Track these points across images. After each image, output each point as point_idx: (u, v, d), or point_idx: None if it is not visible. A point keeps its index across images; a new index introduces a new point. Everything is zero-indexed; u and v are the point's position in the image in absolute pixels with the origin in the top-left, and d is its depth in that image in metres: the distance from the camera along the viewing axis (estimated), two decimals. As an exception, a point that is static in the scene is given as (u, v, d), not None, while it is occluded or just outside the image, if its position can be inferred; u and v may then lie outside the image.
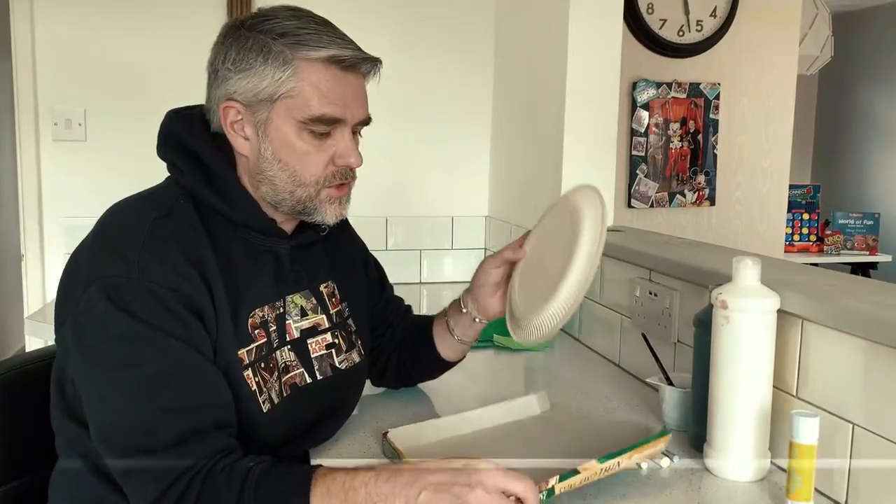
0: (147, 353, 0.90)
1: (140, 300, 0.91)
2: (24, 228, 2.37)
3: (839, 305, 1.02)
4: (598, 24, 1.93)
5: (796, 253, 4.17)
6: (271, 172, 1.03)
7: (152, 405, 0.89)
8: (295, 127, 1.01)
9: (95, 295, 0.91)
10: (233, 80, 1.00)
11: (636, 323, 1.55)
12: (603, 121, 1.97)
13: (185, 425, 0.88)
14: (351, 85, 1.03)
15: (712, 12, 2.78)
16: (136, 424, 0.89)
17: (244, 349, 1.00)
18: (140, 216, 0.98)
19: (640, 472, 1.08)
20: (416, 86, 2.53)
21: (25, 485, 1.13)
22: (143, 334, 0.90)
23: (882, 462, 0.95)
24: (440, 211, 2.62)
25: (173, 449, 0.87)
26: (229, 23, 1.05)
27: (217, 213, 1.02)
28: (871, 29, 5.56)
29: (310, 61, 0.99)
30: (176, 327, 0.92)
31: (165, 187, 1.05)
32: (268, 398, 1.02)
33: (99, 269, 0.93)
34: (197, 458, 0.87)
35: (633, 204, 2.81)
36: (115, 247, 0.94)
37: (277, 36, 0.99)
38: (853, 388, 0.99)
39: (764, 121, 2.95)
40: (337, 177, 1.06)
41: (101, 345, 0.91)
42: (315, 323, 1.12)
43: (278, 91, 0.99)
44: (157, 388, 0.89)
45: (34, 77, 2.32)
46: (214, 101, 1.04)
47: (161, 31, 2.35)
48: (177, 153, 1.04)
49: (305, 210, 1.06)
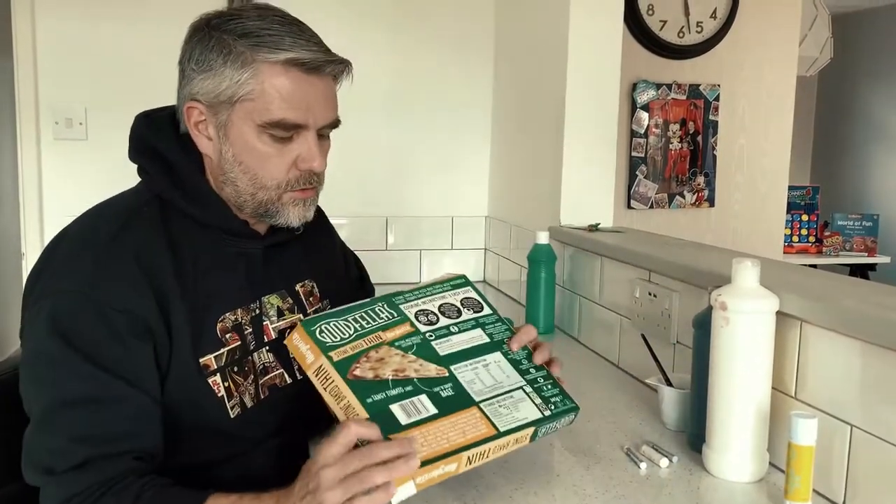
0: (67, 379, 0.91)
1: (83, 320, 0.91)
2: (25, 227, 2.37)
3: (838, 307, 1.02)
4: (598, 25, 1.94)
5: (795, 254, 4.18)
6: (233, 174, 1.02)
7: (63, 430, 0.90)
8: (255, 130, 0.99)
9: (44, 311, 0.92)
10: (196, 79, 0.99)
11: (635, 324, 1.56)
12: (603, 122, 1.98)
13: (89, 452, 0.89)
14: (315, 88, 1.00)
15: (712, 14, 2.78)
16: (45, 445, 0.91)
17: (211, 355, 1.00)
18: (97, 229, 0.98)
19: (640, 472, 1.09)
20: (415, 86, 2.53)
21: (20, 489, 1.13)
22: (69, 359, 0.90)
23: (880, 463, 0.95)
24: (440, 211, 2.62)
25: (70, 473, 0.89)
26: (196, 21, 1.03)
27: (186, 217, 1.02)
28: (870, 30, 5.56)
29: (270, 63, 0.97)
30: (112, 352, 0.92)
31: (133, 193, 1.05)
32: (238, 402, 1.02)
33: (52, 284, 0.94)
34: (90, 484, 0.88)
35: (632, 205, 2.81)
36: (71, 261, 0.95)
37: (239, 36, 0.97)
38: (851, 389, 1.00)
39: (763, 122, 2.96)
40: (301, 181, 1.03)
41: (31, 360, 0.94)
42: (292, 323, 1.11)
43: (238, 93, 0.97)
44: (72, 414, 0.90)
45: (35, 75, 2.32)
46: (180, 101, 1.03)
47: (162, 29, 2.35)
48: (144, 156, 1.04)
49: (268, 212, 1.05)
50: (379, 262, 2.51)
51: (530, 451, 1.12)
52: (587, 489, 1.03)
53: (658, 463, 1.11)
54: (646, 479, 1.07)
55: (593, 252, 1.78)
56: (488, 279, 2.62)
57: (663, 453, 1.13)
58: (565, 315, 1.92)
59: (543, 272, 1.85)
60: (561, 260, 1.91)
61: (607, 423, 1.28)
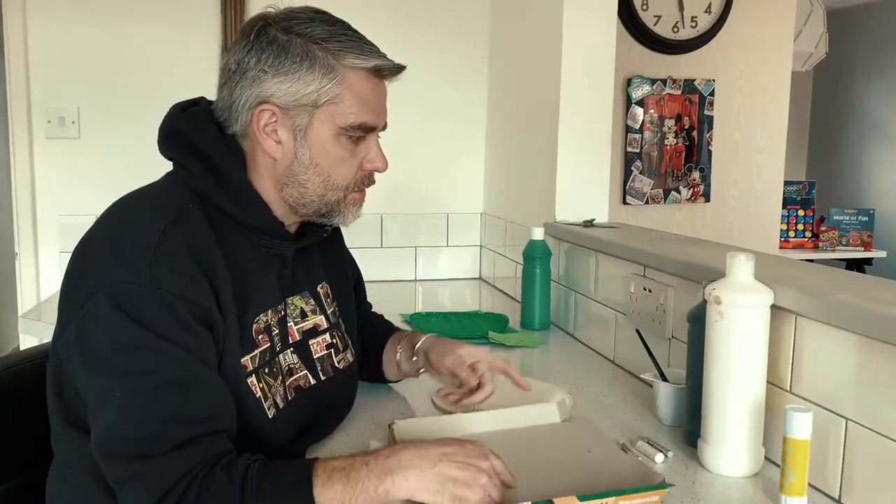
0: (151, 363, 0.88)
1: (149, 309, 0.89)
2: (18, 226, 2.36)
3: (833, 301, 1.02)
4: (592, 21, 1.93)
5: (791, 249, 4.18)
6: (304, 176, 1.03)
7: (152, 415, 0.87)
8: (334, 133, 1.02)
9: (104, 302, 0.88)
10: (269, 82, 0.99)
11: (631, 319, 1.56)
12: (598, 117, 1.97)
13: (184, 435, 0.87)
14: (383, 93, 1.07)
15: (707, 8, 2.78)
16: (134, 433, 0.87)
17: (248, 356, 0.99)
18: (151, 221, 0.95)
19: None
20: (410, 82, 2.51)
21: (19, 485, 1.13)
22: (149, 343, 0.88)
23: (875, 456, 0.95)
24: (435, 208, 2.62)
25: (172, 454, 0.86)
26: (256, 21, 1.02)
27: (227, 217, 1.00)
28: (865, 26, 5.56)
29: (354, 70, 1.01)
30: (184, 337, 0.90)
31: (172, 187, 1.01)
32: (273, 404, 1.02)
33: (108, 276, 0.90)
34: (194, 463, 0.86)
35: (627, 200, 2.81)
36: (126, 253, 0.92)
37: (320, 41, 0.99)
38: (846, 383, 0.99)
39: (759, 117, 2.96)
40: (365, 181, 1.09)
41: (106, 352, 0.89)
42: (315, 324, 1.12)
43: (322, 98, 0.99)
44: (159, 398, 0.87)
45: (27, 74, 2.31)
46: (240, 102, 1.00)
47: (154, 28, 2.35)
48: (183, 152, 1.01)
49: (330, 212, 1.07)
50: (374, 260, 2.51)
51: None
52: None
53: (653, 458, 1.11)
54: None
55: (588, 248, 1.77)
56: (484, 276, 2.62)
57: (659, 448, 1.12)
58: (561, 311, 1.91)
59: (539, 268, 1.85)
60: (556, 256, 1.91)
61: (603, 419, 1.28)
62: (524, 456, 1.07)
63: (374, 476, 0.87)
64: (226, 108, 1.02)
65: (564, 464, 1.06)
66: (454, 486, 0.88)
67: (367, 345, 1.34)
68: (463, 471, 0.89)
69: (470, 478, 0.88)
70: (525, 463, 1.03)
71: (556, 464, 1.06)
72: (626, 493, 0.92)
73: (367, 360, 1.33)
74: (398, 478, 0.87)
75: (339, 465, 0.88)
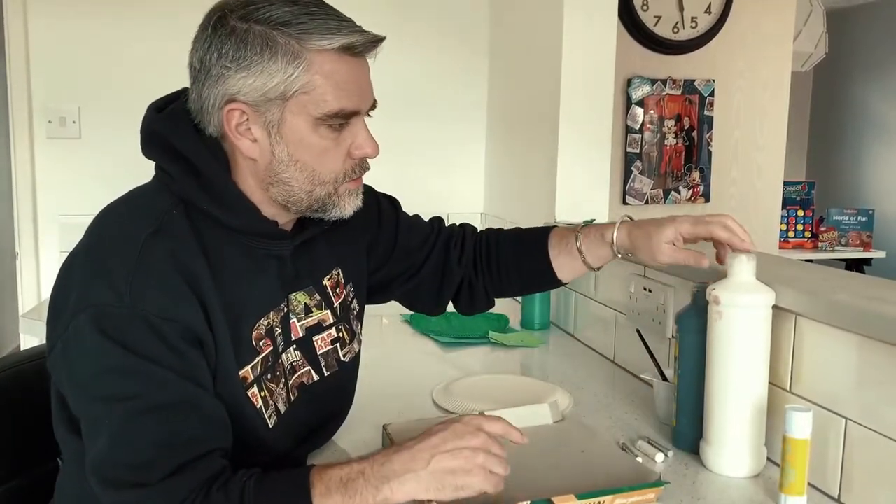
0: (139, 387, 0.85)
1: (133, 332, 0.85)
2: (19, 226, 2.37)
3: (833, 301, 1.02)
4: (592, 21, 1.93)
5: (791, 249, 4.18)
6: (287, 175, 0.95)
7: (144, 441, 0.85)
8: (311, 124, 0.93)
9: (86, 325, 0.85)
10: (233, 78, 0.90)
11: (631, 319, 1.56)
12: (597, 118, 1.98)
13: (178, 460, 0.85)
14: (363, 71, 0.95)
15: (707, 9, 2.79)
16: (127, 460, 0.85)
17: (248, 366, 0.96)
18: (131, 233, 0.90)
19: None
20: (410, 83, 2.53)
21: (22, 485, 1.13)
22: (135, 367, 0.85)
23: (874, 456, 0.96)
24: (436, 208, 2.59)
25: (167, 481, 0.84)
26: (214, 12, 0.93)
27: (213, 221, 0.95)
28: (865, 26, 5.57)
29: (321, 52, 0.90)
30: (170, 359, 0.86)
31: (155, 192, 0.96)
32: (274, 411, 0.99)
33: (88, 297, 0.86)
34: (190, 489, 0.84)
35: (627, 201, 2.81)
36: (105, 271, 0.88)
37: (278, 26, 0.89)
38: (846, 383, 1.00)
39: (758, 117, 2.96)
40: (356, 170, 0.99)
41: (92, 378, 0.86)
42: (320, 319, 1.08)
43: (290, 88, 0.90)
44: (150, 423, 0.85)
45: (28, 74, 2.31)
46: (209, 102, 0.93)
47: (155, 28, 2.35)
48: (163, 155, 0.96)
49: (323, 207, 0.99)
50: (374, 260, 2.51)
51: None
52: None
53: (653, 458, 1.11)
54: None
55: (589, 248, 1.77)
56: (484, 276, 2.62)
57: (659, 448, 1.13)
58: (561, 311, 1.92)
59: (539, 268, 1.85)
60: (556, 256, 1.90)
61: (603, 419, 1.28)
62: (519, 457, 1.07)
63: (371, 486, 0.85)
64: (198, 109, 0.95)
65: (559, 464, 1.07)
66: (453, 478, 0.86)
67: (520, 253, 1.25)
68: (457, 458, 0.87)
69: (466, 463, 0.87)
70: (520, 464, 1.02)
71: (550, 464, 1.06)
72: (623, 490, 0.93)
73: (525, 265, 1.25)
74: (395, 484, 0.86)
75: (335, 474, 0.86)
